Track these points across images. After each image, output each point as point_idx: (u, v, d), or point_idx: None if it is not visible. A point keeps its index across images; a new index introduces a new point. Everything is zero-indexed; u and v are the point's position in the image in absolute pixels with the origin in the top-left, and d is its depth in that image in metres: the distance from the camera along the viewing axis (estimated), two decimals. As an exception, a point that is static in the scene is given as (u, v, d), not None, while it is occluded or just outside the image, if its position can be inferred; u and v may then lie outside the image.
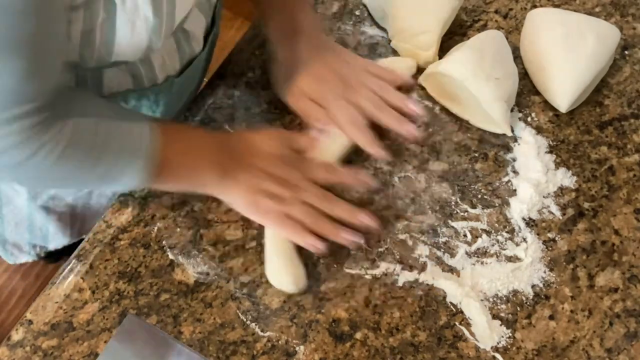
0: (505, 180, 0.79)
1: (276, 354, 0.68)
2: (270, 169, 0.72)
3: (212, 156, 0.71)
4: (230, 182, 0.71)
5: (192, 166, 0.71)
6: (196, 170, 0.71)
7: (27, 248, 0.91)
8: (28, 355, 0.69)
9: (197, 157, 0.71)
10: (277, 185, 0.71)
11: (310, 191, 0.72)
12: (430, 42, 0.85)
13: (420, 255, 0.74)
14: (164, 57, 0.73)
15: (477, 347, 0.69)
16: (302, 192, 0.71)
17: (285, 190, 0.71)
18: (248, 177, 0.71)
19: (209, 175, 0.71)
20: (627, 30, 0.91)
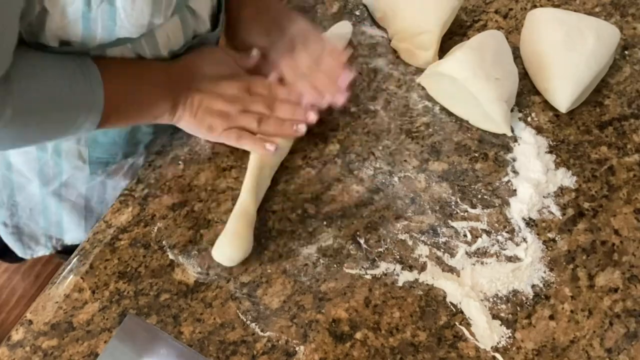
0: (505, 180, 0.79)
1: (276, 354, 0.68)
2: (213, 88, 0.76)
3: (159, 88, 0.74)
4: (181, 109, 0.75)
5: (143, 102, 0.74)
6: (148, 105, 0.74)
7: (43, 240, 0.91)
8: (28, 355, 0.68)
9: (146, 92, 0.74)
10: (222, 102, 0.75)
11: (253, 100, 0.77)
12: (430, 42, 0.85)
13: (420, 255, 0.74)
14: (168, 34, 0.73)
15: (477, 347, 0.69)
16: (246, 104, 0.76)
17: (230, 105, 0.75)
18: (194, 101, 0.75)
19: (161, 108, 0.74)
20: (627, 30, 0.91)
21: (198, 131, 0.77)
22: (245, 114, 0.76)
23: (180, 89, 0.75)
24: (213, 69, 0.77)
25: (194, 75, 0.76)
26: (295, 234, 0.75)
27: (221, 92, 0.76)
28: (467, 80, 0.79)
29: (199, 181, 0.79)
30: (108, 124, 0.72)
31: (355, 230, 0.75)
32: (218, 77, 0.77)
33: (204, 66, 0.77)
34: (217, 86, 0.76)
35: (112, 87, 0.69)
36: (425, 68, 0.85)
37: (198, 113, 0.75)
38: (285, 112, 0.77)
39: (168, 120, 0.76)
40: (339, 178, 0.79)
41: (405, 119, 0.84)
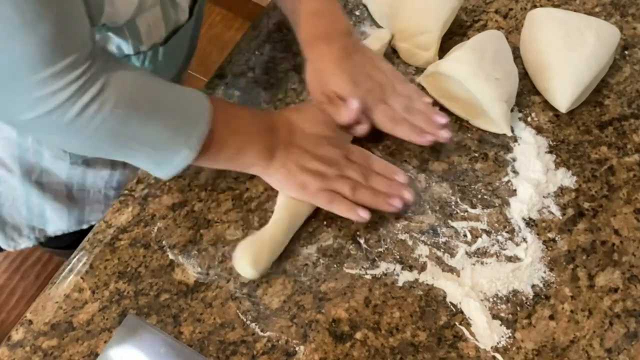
0: (505, 180, 0.79)
1: (276, 354, 0.68)
2: (312, 148, 0.74)
3: (257, 134, 0.72)
4: (273, 161, 0.73)
5: (241, 145, 0.72)
6: (244, 150, 0.72)
7: (26, 231, 0.91)
8: (28, 355, 0.68)
9: (245, 137, 0.72)
10: (319, 163, 0.73)
11: (350, 166, 0.74)
12: (430, 42, 0.85)
13: (420, 255, 0.74)
14: (150, 24, 0.72)
15: (477, 347, 0.69)
16: (342, 168, 0.74)
17: (327, 167, 0.73)
18: (292, 157, 0.73)
19: (256, 157, 0.72)
20: (627, 30, 0.91)
21: (289, 187, 0.73)
22: (340, 179, 0.73)
23: (279, 142, 0.73)
24: (314, 128, 0.75)
25: (294, 131, 0.74)
26: (295, 234, 0.75)
27: (320, 153, 0.74)
28: (467, 80, 0.79)
29: (199, 181, 0.79)
30: (203, 157, 0.69)
31: (355, 230, 0.75)
32: (318, 138, 0.75)
33: (305, 124, 0.75)
34: (317, 147, 0.74)
35: (215, 113, 0.68)
36: (425, 68, 0.85)
37: (293, 169, 0.73)
38: (380, 185, 0.74)
39: (258, 170, 0.74)
40: (339, 178, 0.79)
41: (405, 119, 0.84)
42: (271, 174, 0.74)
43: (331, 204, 0.73)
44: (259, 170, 0.74)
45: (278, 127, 0.74)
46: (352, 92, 0.76)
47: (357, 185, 0.73)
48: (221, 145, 0.70)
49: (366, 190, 0.73)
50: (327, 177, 0.73)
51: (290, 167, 0.73)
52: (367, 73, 0.78)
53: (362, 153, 0.77)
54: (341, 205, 0.73)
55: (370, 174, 0.75)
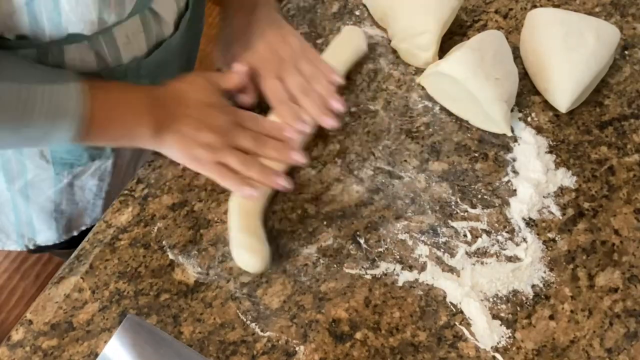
0: (505, 180, 0.79)
1: (276, 354, 0.68)
2: (202, 117, 0.73)
3: (144, 110, 0.72)
4: (165, 134, 0.72)
5: (124, 122, 0.71)
6: (128, 126, 0.72)
7: (14, 236, 0.91)
8: (28, 355, 0.68)
9: (128, 113, 0.72)
10: (210, 133, 0.72)
11: (241, 135, 0.74)
12: (430, 42, 0.85)
13: (420, 255, 0.74)
14: (128, 35, 0.72)
15: (477, 347, 0.69)
16: (233, 137, 0.73)
17: (216, 136, 0.72)
18: (181, 128, 0.72)
19: (142, 130, 0.72)
20: (627, 30, 0.91)
21: (182, 159, 0.74)
22: (231, 151, 0.73)
23: (166, 114, 0.73)
24: (200, 96, 0.75)
25: (180, 101, 0.74)
26: (295, 234, 0.75)
27: (209, 122, 0.73)
28: (467, 80, 0.79)
29: (199, 181, 0.79)
30: (87, 139, 0.70)
31: (355, 230, 0.75)
32: (206, 106, 0.74)
33: (191, 93, 0.75)
34: (207, 115, 0.73)
35: (93, 100, 0.68)
36: (425, 68, 0.85)
37: (185, 141, 0.73)
38: (272, 151, 0.74)
39: (151, 145, 0.74)
40: (339, 178, 0.79)
41: (405, 119, 0.84)
42: (166, 148, 0.74)
43: (222, 178, 0.73)
44: (151, 144, 0.74)
45: (166, 99, 0.74)
46: (248, 58, 0.77)
47: (246, 160, 0.73)
48: (106, 129, 0.71)
49: (256, 165, 0.73)
50: (217, 148, 0.72)
51: (182, 139, 0.73)
52: (272, 46, 0.78)
53: (253, 117, 0.76)
54: (231, 180, 0.72)
55: (262, 139, 0.74)
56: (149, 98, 0.73)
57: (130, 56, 0.74)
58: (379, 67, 0.88)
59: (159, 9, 0.73)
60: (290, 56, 0.79)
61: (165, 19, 0.75)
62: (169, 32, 0.77)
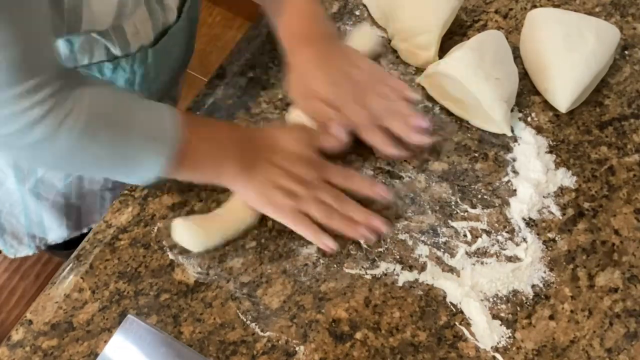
0: (505, 180, 0.79)
1: (276, 354, 0.68)
2: (288, 167, 0.73)
3: (234, 149, 0.72)
4: (247, 175, 0.72)
5: (214, 157, 0.71)
6: (217, 162, 0.71)
7: (26, 240, 0.91)
8: (28, 355, 0.68)
9: (219, 148, 0.72)
10: (292, 182, 0.72)
11: (326, 190, 0.73)
12: (430, 42, 0.85)
13: (420, 255, 0.74)
14: (136, 25, 0.72)
15: (477, 347, 0.69)
16: (317, 191, 0.72)
17: (301, 187, 0.72)
18: (265, 172, 0.72)
19: (228, 168, 0.72)
20: (627, 30, 0.91)
21: (258, 202, 0.73)
22: (314, 201, 0.72)
23: (255, 156, 0.73)
24: (294, 146, 0.74)
25: (272, 147, 0.74)
26: (295, 234, 0.75)
27: (296, 172, 0.73)
28: (467, 80, 0.79)
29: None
30: (176, 171, 0.69)
31: (355, 230, 0.75)
32: (296, 157, 0.74)
33: (285, 141, 0.74)
34: (293, 165, 0.73)
35: (188, 130, 0.68)
36: (425, 68, 0.85)
37: (265, 184, 0.72)
38: (355, 213, 0.73)
39: (229, 184, 0.73)
40: (339, 178, 0.79)
41: (405, 119, 0.84)
42: (240, 186, 0.73)
43: (298, 224, 0.72)
44: (229, 181, 0.73)
45: (257, 142, 0.74)
46: (327, 90, 0.76)
47: (330, 211, 0.72)
48: (195, 161, 0.70)
49: (340, 217, 0.72)
50: (299, 197, 0.72)
51: (263, 183, 0.72)
52: (346, 73, 0.78)
53: (342, 174, 0.75)
54: (307, 228, 0.72)
55: (347, 199, 0.73)
56: (241, 137, 0.74)
57: (137, 45, 0.74)
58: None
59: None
60: (366, 81, 0.78)
61: (170, 5, 0.76)
62: (173, 18, 0.78)
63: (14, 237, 0.91)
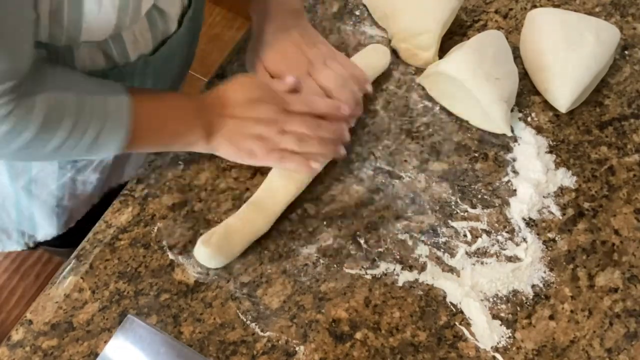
0: (505, 180, 0.79)
1: (276, 354, 0.68)
2: (247, 113, 0.74)
3: (192, 116, 0.73)
4: (216, 137, 0.73)
5: (174, 129, 0.73)
6: (180, 133, 0.73)
7: (15, 235, 0.91)
8: (28, 355, 0.68)
9: (177, 121, 0.73)
10: (258, 125, 0.73)
11: (290, 121, 0.74)
12: (430, 42, 0.85)
13: (420, 255, 0.74)
14: (135, 34, 0.72)
15: (477, 347, 0.69)
16: (283, 124, 0.74)
17: (266, 127, 0.73)
18: (231, 127, 0.74)
19: (194, 136, 0.73)
20: (627, 30, 0.91)
21: (239, 157, 0.75)
22: (284, 135, 0.74)
23: (213, 116, 0.74)
24: (246, 93, 0.76)
25: (226, 101, 0.75)
26: (295, 234, 0.75)
27: (256, 115, 0.74)
28: (467, 80, 0.79)
29: (199, 181, 0.79)
30: (136, 146, 0.71)
31: (355, 230, 0.75)
32: (252, 101, 0.75)
33: (236, 92, 0.76)
34: (252, 110, 0.74)
35: (140, 107, 0.69)
36: (425, 68, 0.85)
37: (236, 139, 0.74)
38: (326, 132, 0.75)
39: (204, 149, 0.75)
40: (339, 178, 0.79)
41: (405, 119, 0.84)
42: (217, 149, 0.75)
43: (282, 161, 0.74)
44: (203, 147, 0.75)
45: (209, 102, 0.75)
46: (276, 60, 0.79)
47: (302, 137, 0.74)
48: (152, 136, 0.72)
49: (313, 140, 0.74)
50: (270, 138, 0.73)
51: (232, 137, 0.74)
52: (300, 48, 0.80)
53: (301, 100, 0.76)
54: (292, 161, 0.73)
55: (314, 121, 0.75)
56: (195, 104, 0.75)
57: (137, 54, 0.74)
58: (379, 67, 0.88)
59: (164, 6, 0.74)
60: (319, 57, 0.80)
61: (170, 15, 0.76)
62: (173, 28, 0.78)
63: (2, 232, 0.91)
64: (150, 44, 0.75)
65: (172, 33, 0.78)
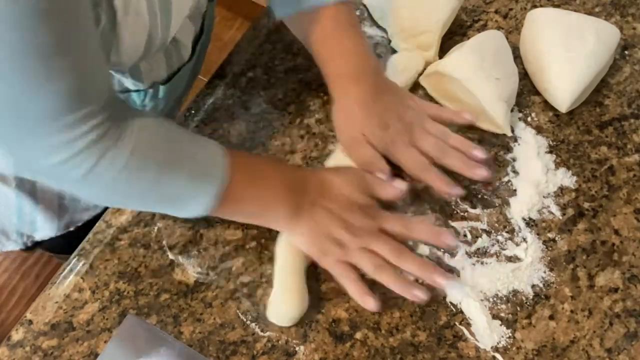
0: (505, 180, 0.79)
1: (276, 354, 0.68)
2: (341, 214, 0.69)
3: (284, 192, 0.69)
4: (300, 220, 0.69)
5: (261, 197, 0.69)
6: (266, 205, 0.69)
7: (14, 236, 0.91)
8: (28, 355, 0.68)
9: (267, 189, 0.69)
10: (344, 231, 0.68)
11: (380, 241, 0.68)
12: (430, 42, 0.85)
13: (421, 255, 0.74)
14: (151, 64, 0.72)
15: (477, 347, 0.69)
16: (369, 241, 0.68)
17: (351, 236, 0.68)
18: (317, 218, 0.69)
19: (279, 212, 0.69)
20: (627, 30, 0.91)
21: (309, 249, 0.70)
22: (363, 253, 0.68)
23: (305, 200, 0.69)
24: (348, 191, 0.70)
25: (325, 191, 0.70)
26: (295, 234, 0.75)
27: (348, 220, 0.69)
28: (467, 80, 0.79)
29: (199, 181, 0.79)
30: (221, 211, 0.67)
31: (355, 230, 0.75)
32: (352, 204, 0.70)
33: (339, 186, 0.71)
34: (348, 213, 0.69)
35: (235, 169, 0.65)
36: (426, 68, 0.85)
37: (317, 233, 0.69)
38: (413, 268, 0.69)
39: (283, 227, 0.71)
40: (339, 178, 0.79)
41: (405, 119, 0.84)
42: (296, 234, 0.70)
43: (342, 278, 0.68)
44: (285, 228, 0.71)
45: (308, 185, 0.70)
46: (382, 137, 0.73)
47: (382, 265, 0.68)
48: (242, 202, 0.68)
49: (391, 272, 0.68)
50: (349, 248, 0.68)
51: (315, 229, 0.69)
52: (397, 114, 0.74)
53: (399, 223, 0.70)
54: (351, 285, 0.68)
55: (404, 254, 0.69)
56: (291, 179, 0.71)
57: (150, 81, 0.74)
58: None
59: (180, 36, 0.73)
60: (416, 118, 0.75)
61: (185, 44, 0.75)
62: (187, 55, 0.77)
63: (2, 233, 0.91)
64: (165, 73, 0.75)
65: (187, 61, 0.77)
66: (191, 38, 0.77)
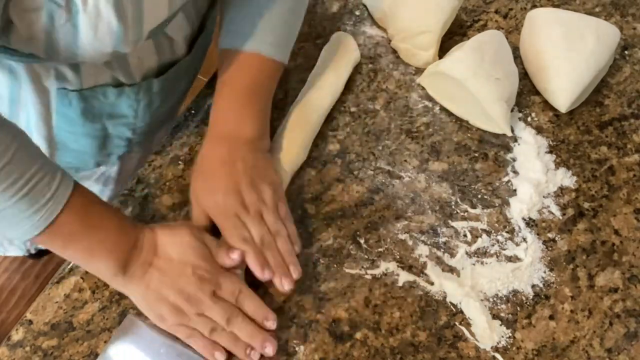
0: (505, 180, 0.79)
1: (276, 354, 0.68)
2: (173, 278, 0.67)
3: (112, 246, 0.66)
4: (130, 280, 0.67)
5: (90, 248, 0.66)
6: (93, 255, 0.66)
7: (17, 242, 0.91)
8: (28, 355, 0.68)
9: (97, 240, 0.66)
10: (178, 298, 0.67)
11: (214, 307, 0.67)
12: (430, 42, 0.85)
13: (420, 255, 0.74)
14: (140, 58, 0.72)
15: (477, 347, 0.69)
16: (204, 308, 0.67)
17: (186, 304, 0.67)
18: (149, 281, 0.67)
19: (103, 262, 0.66)
20: (627, 30, 0.91)
21: (147, 313, 0.68)
22: (200, 318, 0.67)
23: (139, 261, 0.67)
24: (184, 256, 0.68)
25: (157, 252, 0.68)
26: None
27: (182, 287, 0.67)
28: (467, 80, 0.79)
29: (199, 181, 0.79)
30: (44, 242, 0.64)
31: (355, 230, 0.75)
32: (185, 267, 0.67)
33: (173, 248, 0.68)
34: (180, 278, 0.67)
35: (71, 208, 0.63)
36: (425, 68, 0.85)
37: (152, 297, 0.67)
38: (242, 332, 0.67)
39: (111, 283, 0.69)
40: (339, 178, 0.79)
41: (405, 119, 0.84)
42: (129, 292, 0.68)
43: (189, 338, 0.67)
44: (114, 284, 0.69)
45: (141, 244, 0.68)
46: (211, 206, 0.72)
47: (216, 328, 0.67)
48: (70, 243, 0.65)
49: (226, 334, 0.67)
50: (185, 314, 0.67)
51: (149, 292, 0.67)
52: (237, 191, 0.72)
53: (232, 288, 0.68)
54: (199, 342, 0.67)
55: (235, 318, 0.67)
56: (124, 234, 0.67)
57: (141, 75, 0.73)
58: (379, 67, 0.88)
59: (171, 33, 0.73)
60: (255, 206, 0.72)
61: (178, 41, 0.75)
62: (181, 52, 0.77)
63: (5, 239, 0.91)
64: (156, 66, 0.74)
65: (181, 57, 0.77)
66: (184, 35, 0.76)
